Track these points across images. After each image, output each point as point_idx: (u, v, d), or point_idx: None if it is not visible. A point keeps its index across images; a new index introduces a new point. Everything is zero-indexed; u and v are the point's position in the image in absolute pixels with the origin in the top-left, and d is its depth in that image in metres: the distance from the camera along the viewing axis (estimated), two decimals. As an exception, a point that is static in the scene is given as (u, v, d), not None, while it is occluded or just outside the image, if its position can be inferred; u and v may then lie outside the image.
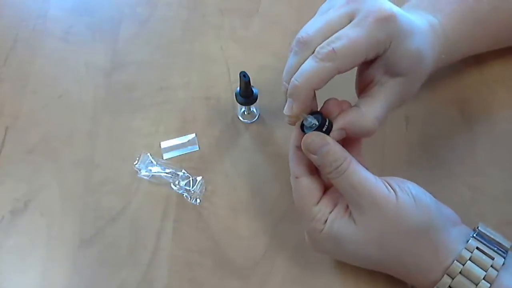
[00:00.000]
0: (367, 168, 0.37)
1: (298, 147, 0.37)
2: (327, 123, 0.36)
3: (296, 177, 0.38)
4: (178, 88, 0.51)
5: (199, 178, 0.46)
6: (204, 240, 0.44)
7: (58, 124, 0.50)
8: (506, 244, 0.36)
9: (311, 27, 0.36)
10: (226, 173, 0.47)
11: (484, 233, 0.37)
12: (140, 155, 0.47)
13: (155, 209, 0.45)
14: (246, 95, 0.45)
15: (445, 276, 0.35)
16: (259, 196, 0.45)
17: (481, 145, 0.46)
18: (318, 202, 0.37)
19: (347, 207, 0.37)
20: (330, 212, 0.37)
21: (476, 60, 0.50)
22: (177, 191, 0.46)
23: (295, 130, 0.38)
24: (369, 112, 0.37)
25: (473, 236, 0.36)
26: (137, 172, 0.47)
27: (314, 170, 0.38)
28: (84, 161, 0.48)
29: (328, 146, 0.35)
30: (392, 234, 0.35)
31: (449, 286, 0.35)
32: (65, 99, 0.52)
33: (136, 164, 0.47)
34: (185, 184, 0.46)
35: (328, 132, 0.36)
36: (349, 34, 0.34)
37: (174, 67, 0.53)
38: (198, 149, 0.48)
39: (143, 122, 0.50)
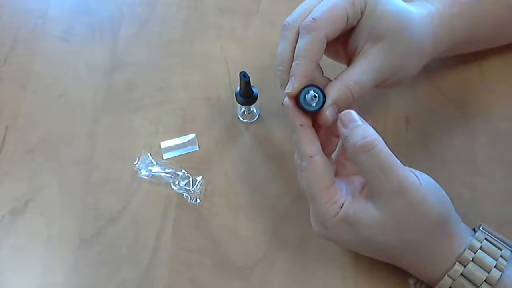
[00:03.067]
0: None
1: (303, 126, 0.36)
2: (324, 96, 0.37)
3: (311, 157, 0.36)
4: (178, 88, 0.51)
5: (199, 178, 0.46)
6: (204, 240, 0.44)
7: (58, 124, 0.50)
8: (509, 241, 0.37)
9: (293, 13, 0.39)
10: (226, 173, 0.47)
11: (488, 229, 0.37)
12: (140, 155, 0.47)
13: (155, 209, 0.45)
14: (246, 95, 0.45)
15: (457, 263, 0.35)
16: (259, 196, 0.45)
17: (481, 145, 0.46)
18: (333, 184, 0.36)
19: (362, 189, 0.36)
20: (347, 197, 0.36)
21: (476, 60, 0.50)
22: (177, 191, 0.46)
23: (292, 111, 0.36)
24: (351, 78, 0.37)
25: (480, 229, 0.37)
26: (137, 172, 0.47)
27: (321, 150, 0.37)
28: (84, 161, 0.48)
29: (359, 122, 0.35)
30: (414, 221, 0.35)
31: (461, 274, 0.35)
32: (65, 99, 0.52)
33: (136, 164, 0.47)
34: (185, 184, 0.46)
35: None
36: (325, 3, 0.37)
37: (174, 67, 0.53)
38: (198, 149, 0.48)
39: (143, 122, 0.50)
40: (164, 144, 0.48)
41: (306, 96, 0.36)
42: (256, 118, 0.49)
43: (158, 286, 0.42)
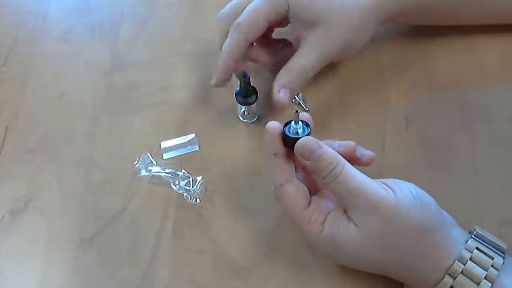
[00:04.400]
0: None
1: (276, 155, 0.37)
2: (310, 131, 0.37)
3: (281, 185, 0.37)
4: (178, 88, 0.51)
5: (199, 178, 0.46)
6: (204, 240, 0.44)
7: (58, 124, 0.50)
8: (503, 245, 0.36)
9: (226, 7, 0.46)
10: (226, 173, 0.47)
11: (481, 235, 0.37)
12: (140, 155, 0.47)
13: (155, 209, 0.45)
14: (246, 95, 0.45)
15: (447, 276, 0.35)
16: (259, 196, 0.45)
17: (481, 145, 0.46)
18: (308, 205, 0.37)
19: (345, 210, 0.36)
20: (326, 214, 0.37)
21: (476, 60, 0.50)
22: (177, 191, 0.46)
23: (269, 140, 0.37)
24: (296, 66, 0.44)
25: (471, 237, 0.36)
26: (137, 172, 0.47)
27: (294, 177, 0.38)
28: (84, 161, 0.48)
29: (321, 150, 0.36)
30: (393, 235, 0.35)
31: (451, 287, 0.35)
32: (65, 99, 0.52)
33: (136, 164, 0.47)
34: (185, 184, 0.46)
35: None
36: (249, 8, 0.44)
37: (174, 67, 0.53)
38: (198, 149, 0.48)
39: (143, 122, 0.50)
40: (164, 144, 0.48)
41: (291, 127, 0.37)
42: (256, 118, 0.49)
43: (158, 286, 0.42)
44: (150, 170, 0.47)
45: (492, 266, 0.35)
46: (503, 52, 0.50)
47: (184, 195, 0.45)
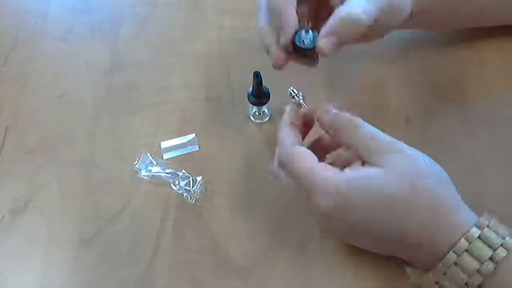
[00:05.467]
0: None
1: (292, 124, 0.39)
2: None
3: (293, 145, 0.38)
4: (178, 88, 0.51)
5: (199, 178, 0.46)
6: (204, 240, 0.44)
7: (58, 124, 0.50)
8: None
9: None
10: (226, 173, 0.47)
11: (491, 218, 0.36)
12: (140, 155, 0.47)
13: (155, 209, 0.45)
14: (259, 95, 0.45)
15: (463, 240, 0.34)
16: (259, 196, 0.45)
17: (481, 145, 0.46)
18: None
19: (363, 162, 0.36)
20: (341, 166, 0.37)
21: (477, 59, 0.50)
22: (177, 191, 0.46)
23: (289, 110, 0.40)
24: (345, 10, 0.38)
25: (482, 217, 0.35)
26: (137, 172, 0.47)
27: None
28: (84, 161, 0.48)
29: (338, 112, 0.38)
30: (420, 175, 0.35)
31: (455, 263, 0.34)
32: (65, 99, 0.52)
33: (136, 164, 0.47)
34: (185, 184, 0.46)
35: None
36: None
37: (174, 67, 0.53)
38: (198, 149, 0.48)
39: (143, 122, 0.50)
40: (164, 144, 0.48)
41: (299, 34, 0.39)
42: (268, 118, 0.49)
43: (158, 286, 0.42)
44: (150, 170, 0.47)
45: (501, 245, 0.33)
46: (504, 52, 0.50)
47: (184, 195, 0.45)
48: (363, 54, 0.51)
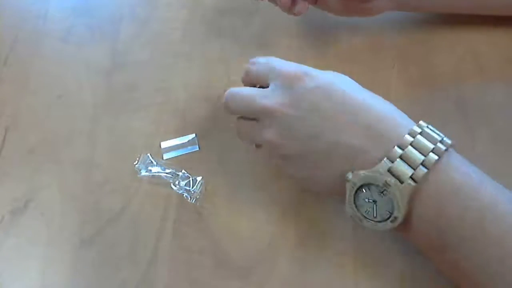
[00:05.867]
0: None
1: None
2: None
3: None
4: (178, 88, 0.51)
5: (199, 178, 0.46)
6: (204, 240, 0.44)
7: (58, 124, 0.50)
8: (448, 140, 0.36)
9: None
10: (226, 173, 0.47)
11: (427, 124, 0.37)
12: (140, 155, 0.47)
13: (155, 209, 0.45)
14: None
15: (385, 159, 0.34)
16: (259, 196, 0.45)
17: (481, 144, 0.46)
18: None
19: None
20: None
21: (476, 59, 0.50)
22: (177, 191, 0.46)
23: None
24: None
25: (418, 124, 0.36)
26: (137, 172, 0.47)
27: None
28: (84, 161, 0.48)
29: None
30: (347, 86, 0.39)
31: (400, 156, 0.34)
32: (65, 99, 0.52)
33: (136, 164, 0.47)
34: (185, 184, 0.46)
35: None
36: None
37: (174, 67, 0.53)
38: (198, 149, 0.48)
39: (143, 122, 0.50)
40: (164, 144, 0.48)
41: None
42: None
43: (158, 286, 0.42)
44: (150, 170, 0.47)
45: (440, 142, 0.35)
46: (503, 52, 0.50)
47: (184, 195, 0.45)
48: (362, 54, 0.51)
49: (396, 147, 0.35)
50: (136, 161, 0.47)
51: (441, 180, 0.34)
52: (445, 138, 0.36)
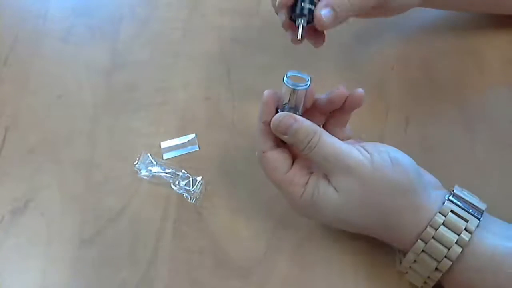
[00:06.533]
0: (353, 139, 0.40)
1: (265, 123, 0.38)
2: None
3: (264, 152, 0.38)
4: (178, 88, 0.51)
5: (199, 178, 0.46)
6: (204, 240, 0.44)
7: (58, 124, 0.50)
8: (481, 206, 0.37)
9: None
10: (226, 173, 0.47)
11: (459, 196, 0.37)
12: (140, 155, 0.47)
13: (155, 209, 0.45)
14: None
15: (419, 240, 0.35)
16: (259, 196, 0.45)
17: (481, 145, 0.46)
18: (291, 168, 0.38)
19: (325, 174, 0.37)
20: (308, 176, 0.38)
21: (476, 60, 0.50)
22: (177, 191, 0.46)
23: (262, 106, 0.38)
24: None
25: (448, 199, 0.36)
26: (137, 172, 0.47)
27: (280, 143, 0.39)
28: (84, 161, 0.48)
29: (297, 124, 0.37)
30: (370, 197, 0.36)
31: (423, 251, 0.35)
32: (65, 99, 0.52)
33: (136, 164, 0.47)
34: (185, 184, 0.46)
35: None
36: None
37: (174, 67, 0.53)
38: (198, 149, 0.48)
39: (143, 122, 0.50)
40: (164, 144, 0.48)
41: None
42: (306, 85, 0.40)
43: (158, 286, 0.42)
44: (150, 170, 0.47)
45: (465, 229, 0.35)
46: (503, 52, 0.50)
47: (184, 195, 0.45)
48: (362, 54, 0.51)
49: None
50: (136, 161, 0.47)
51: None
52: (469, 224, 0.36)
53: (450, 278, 0.36)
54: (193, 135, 0.49)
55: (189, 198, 0.45)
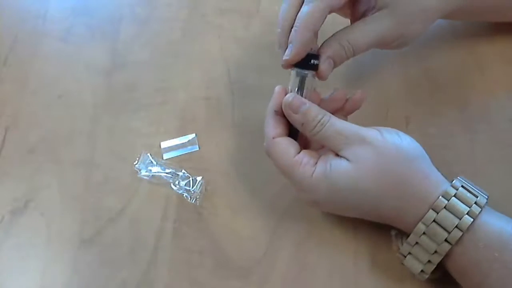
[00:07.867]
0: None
1: (276, 112, 0.40)
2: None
3: (273, 137, 0.39)
4: (178, 88, 0.51)
5: (199, 178, 0.46)
6: (204, 240, 0.44)
7: (58, 124, 0.50)
8: (485, 194, 0.38)
9: None
10: (226, 173, 0.47)
11: (465, 180, 0.38)
12: (140, 155, 0.47)
13: (155, 209, 0.45)
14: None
15: (431, 210, 0.36)
16: (259, 196, 0.45)
17: (481, 145, 0.46)
18: (298, 153, 0.39)
19: (335, 154, 0.38)
20: (317, 157, 0.39)
21: (476, 60, 0.50)
22: (177, 191, 0.46)
23: (274, 96, 0.40)
24: (346, 37, 0.40)
25: (457, 178, 0.38)
26: (137, 172, 0.47)
27: (286, 134, 0.40)
28: (84, 161, 0.48)
29: (307, 104, 0.39)
30: (385, 163, 0.37)
31: (434, 220, 0.36)
32: (65, 99, 0.52)
33: (136, 164, 0.47)
34: (185, 184, 0.46)
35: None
36: None
37: (174, 67, 0.53)
38: (198, 149, 0.48)
39: (143, 122, 0.50)
40: (164, 144, 0.48)
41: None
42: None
43: (158, 286, 0.42)
44: (150, 170, 0.47)
45: (475, 203, 0.36)
46: (503, 52, 0.50)
47: (184, 195, 0.45)
48: (362, 55, 0.51)
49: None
50: (136, 161, 0.47)
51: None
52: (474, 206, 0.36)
53: (457, 254, 0.36)
54: (193, 135, 0.49)
55: (189, 198, 0.45)
